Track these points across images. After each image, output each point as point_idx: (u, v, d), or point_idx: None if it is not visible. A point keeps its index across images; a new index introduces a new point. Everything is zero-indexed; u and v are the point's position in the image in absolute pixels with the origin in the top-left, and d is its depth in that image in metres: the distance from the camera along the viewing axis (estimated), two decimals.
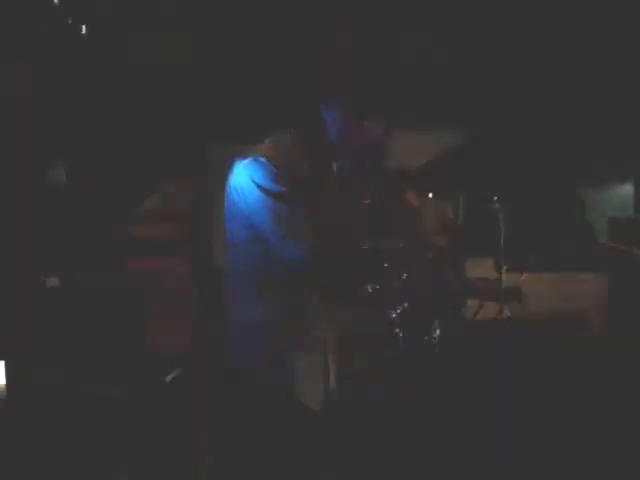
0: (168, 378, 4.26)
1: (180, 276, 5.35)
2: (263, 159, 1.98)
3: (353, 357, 4.52)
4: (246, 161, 2.01)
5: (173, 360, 5.01)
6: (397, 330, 4.51)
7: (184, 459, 3.72)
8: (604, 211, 7.32)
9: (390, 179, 5.88)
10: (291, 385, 2.07)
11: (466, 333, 4.99)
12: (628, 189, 8.17)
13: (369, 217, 2.18)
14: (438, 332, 4.77)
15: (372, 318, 4.61)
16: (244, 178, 1.98)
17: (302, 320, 2.09)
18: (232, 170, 2.05)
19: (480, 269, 5.79)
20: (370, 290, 4.74)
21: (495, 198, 5.11)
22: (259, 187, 1.95)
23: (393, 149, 2.10)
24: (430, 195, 5.71)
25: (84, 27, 3.79)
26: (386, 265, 4.65)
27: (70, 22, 3.66)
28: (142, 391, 4.14)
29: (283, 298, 2.07)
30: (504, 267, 5.19)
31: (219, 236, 2.21)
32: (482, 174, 6.92)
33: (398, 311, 4.53)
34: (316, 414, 2.11)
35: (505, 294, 5.16)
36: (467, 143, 7.41)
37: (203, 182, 7.64)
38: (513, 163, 7.02)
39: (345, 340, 4.45)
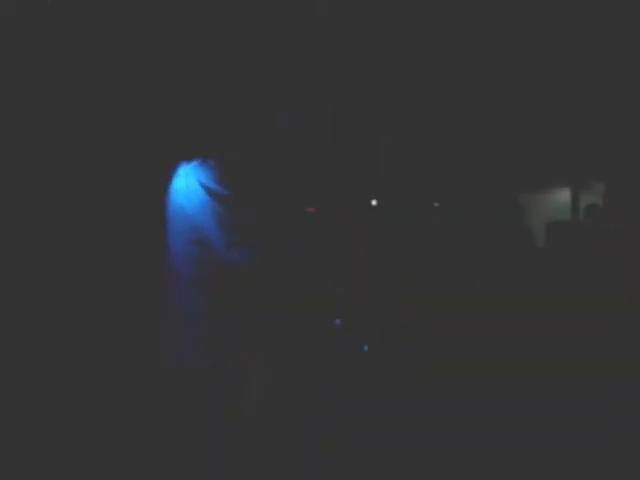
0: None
1: None
2: (210, 161, 1.96)
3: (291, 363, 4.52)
4: (193, 163, 1.99)
5: None
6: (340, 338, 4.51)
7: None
8: (543, 216, 7.49)
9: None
10: (228, 387, 2.06)
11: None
12: (566, 194, 8.38)
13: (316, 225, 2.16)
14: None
15: (316, 325, 4.61)
16: (190, 179, 1.95)
17: (239, 322, 2.08)
18: (177, 172, 2.02)
19: None
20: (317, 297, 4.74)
21: (436, 204, 5.18)
22: (205, 188, 1.93)
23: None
24: (374, 202, 5.75)
25: None
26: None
27: None
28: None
29: (222, 302, 2.04)
30: None
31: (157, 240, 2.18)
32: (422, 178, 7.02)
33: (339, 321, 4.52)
34: (253, 415, 2.10)
35: None
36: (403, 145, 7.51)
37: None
38: (451, 168, 7.12)
39: (283, 346, 4.48)
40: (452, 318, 5.23)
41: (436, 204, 5.19)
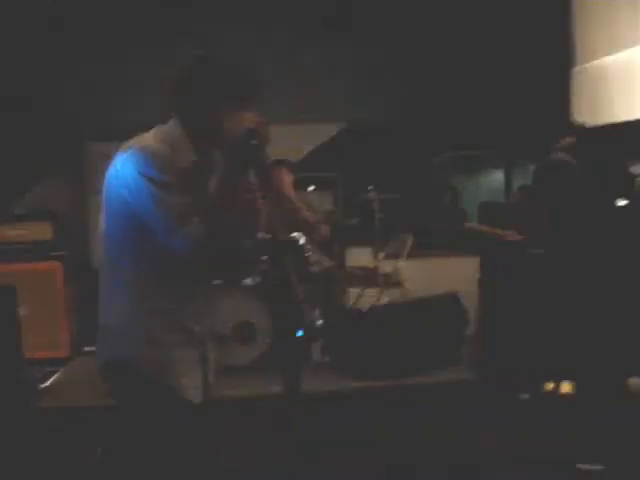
0: None
1: (54, 277, 5.20)
2: (147, 148, 1.96)
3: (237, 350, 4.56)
4: (130, 151, 1.97)
5: (50, 365, 4.88)
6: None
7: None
8: (477, 197, 7.65)
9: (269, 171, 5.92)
10: (169, 379, 2.05)
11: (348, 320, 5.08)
12: (499, 176, 8.56)
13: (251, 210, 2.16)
14: (320, 321, 4.86)
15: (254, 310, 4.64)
16: (128, 168, 1.93)
17: (181, 312, 2.07)
18: (114, 160, 2.01)
19: (360, 258, 5.93)
20: (252, 282, 4.77)
21: (370, 187, 5.24)
22: (144, 176, 1.91)
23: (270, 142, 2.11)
24: (311, 188, 5.79)
25: None
26: (265, 258, 4.67)
27: None
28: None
29: (162, 290, 2.04)
30: (381, 254, 5.33)
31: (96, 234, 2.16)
32: (358, 165, 7.09)
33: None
34: (196, 407, 2.10)
35: (384, 280, 5.30)
36: (341, 135, 7.58)
37: (78, 181, 7.45)
38: (387, 153, 7.21)
39: (225, 333, 4.51)
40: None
41: (370, 187, 5.25)
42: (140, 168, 1.94)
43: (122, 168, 1.98)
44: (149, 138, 2.03)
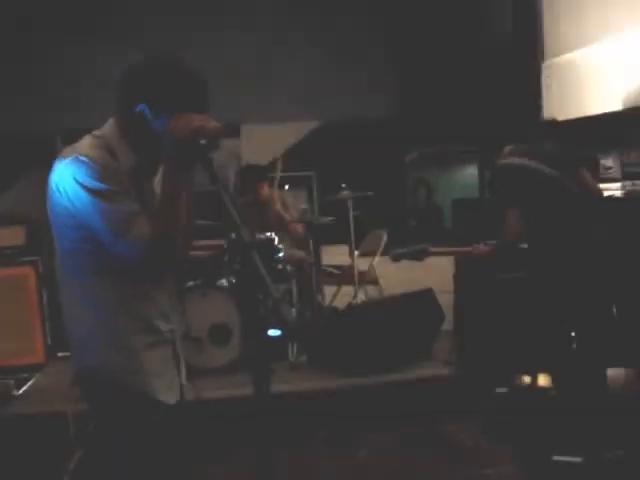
0: None
1: (27, 283, 5.14)
2: (84, 157, 1.90)
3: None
4: (67, 160, 1.91)
5: (24, 371, 4.82)
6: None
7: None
8: (451, 193, 7.66)
9: (243, 172, 5.92)
10: (140, 383, 2.03)
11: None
12: (473, 171, 8.58)
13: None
14: (297, 320, 4.84)
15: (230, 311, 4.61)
16: (66, 177, 1.88)
17: (148, 313, 2.05)
18: (53, 169, 1.95)
19: (335, 256, 5.93)
20: (227, 283, 4.74)
21: (343, 185, 5.23)
22: (82, 186, 1.86)
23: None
24: (286, 187, 5.77)
25: None
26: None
27: None
28: None
29: (125, 294, 2.00)
30: (356, 252, 5.33)
31: None
32: (331, 163, 7.09)
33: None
34: (170, 409, 2.08)
35: (359, 278, 5.30)
36: (312, 136, 7.57)
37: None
38: (360, 150, 7.21)
39: (201, 336, 4.48)
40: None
41: (343, 185, 5.24)
42: (77, 177, 1.89)
43: (60, 177, 1.92)
44: (84, 146, 1.97)
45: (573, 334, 3.68)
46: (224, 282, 4.80)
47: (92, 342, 2.04)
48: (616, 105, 5.28)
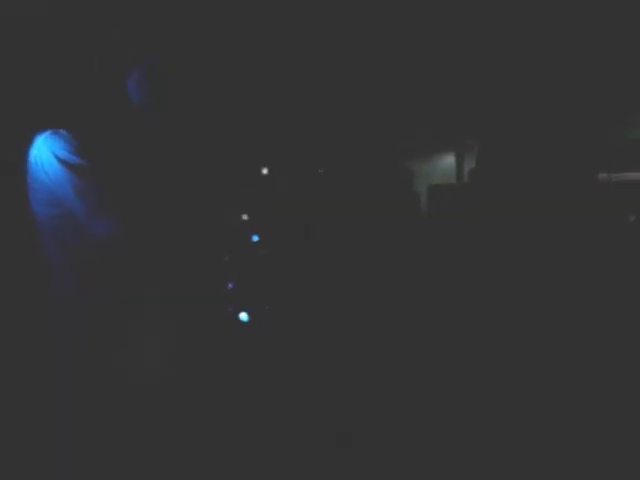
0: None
1: None
2: (64, 130, 1.91)
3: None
4: (46, 133, 1.92)
5: None
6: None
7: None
8: (429, 180, 7.69)
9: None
10: (129, 370, 2.02)
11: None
12: (451, 159, 8.65)
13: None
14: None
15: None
16: (44, 151, 1.88)
17: (127, 299, 2.04)
18: (33, 143, 1.95)
19: None
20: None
21: (321, 171, 5.24)
22: (60, 160, 1.86)
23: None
24: (265, 170, 5.74)
25: None
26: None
27: None
28: None
29: (100, 278, 2.00)
30: None
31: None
32: (310, 147, 7.08)
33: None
34: (158, 395, 2.07)
35: None
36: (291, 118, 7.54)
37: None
38: (340, 136, 7.20)
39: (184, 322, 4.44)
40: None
41: (321, 170, 5.26)
42: (55, 150, 1.88)
43: (39, 151, 1.92)
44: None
45: None
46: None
47: (73, 326, 2.04)
48: None
